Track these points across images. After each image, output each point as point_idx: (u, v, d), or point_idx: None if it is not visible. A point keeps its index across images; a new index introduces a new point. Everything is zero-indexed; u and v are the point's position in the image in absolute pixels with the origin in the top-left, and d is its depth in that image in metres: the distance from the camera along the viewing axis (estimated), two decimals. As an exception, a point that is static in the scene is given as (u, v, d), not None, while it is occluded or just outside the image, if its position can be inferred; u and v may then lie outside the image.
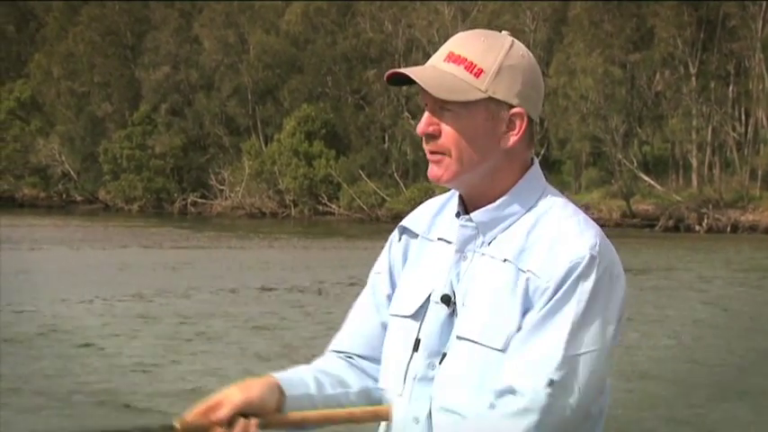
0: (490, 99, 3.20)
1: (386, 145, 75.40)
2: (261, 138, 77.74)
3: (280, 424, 3.35)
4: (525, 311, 3.18)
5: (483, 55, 3.21)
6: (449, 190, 3.48)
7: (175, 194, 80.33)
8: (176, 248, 49.53)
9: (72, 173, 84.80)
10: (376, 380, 3.51)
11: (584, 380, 3.16)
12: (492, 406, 3.17)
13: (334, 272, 36.96)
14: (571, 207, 3.34)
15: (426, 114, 3.27)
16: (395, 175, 72.14)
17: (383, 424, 3.48)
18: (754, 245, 51.93)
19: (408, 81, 3.27)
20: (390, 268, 3.54)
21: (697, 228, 60.77)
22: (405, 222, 3.54)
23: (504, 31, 3.35)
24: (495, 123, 3.22)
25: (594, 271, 3.16)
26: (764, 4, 62.69)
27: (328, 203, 73.41)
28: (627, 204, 62.97)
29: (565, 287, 3.15)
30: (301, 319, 26.71)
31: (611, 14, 66.02)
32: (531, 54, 3.29)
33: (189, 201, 79.72)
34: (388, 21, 75.29)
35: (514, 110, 3.22)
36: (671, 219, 61.67)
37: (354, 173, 72.84)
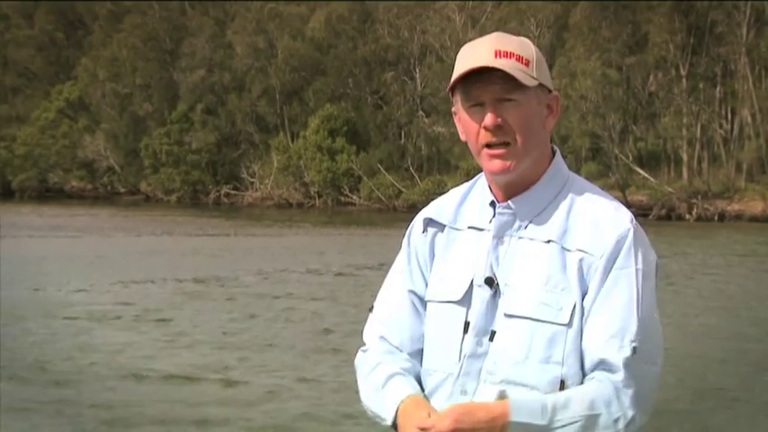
0: (539, 86, 3.26)
1: (402, 141, 75.24)
2: (288, 134, 77.62)
3: None
4: (583, 287, 3.22)
5: (523, 49, 3.25)
6: (458, 184, 3.53)
7: (210, 186, 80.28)
8: (212, 236, 49.43)
9: (116, 167, 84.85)
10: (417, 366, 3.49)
11: (655, 343, 3.22)
12: (590, 378, 3.21)
13: (355, 256, 37.00)
14: (596, 188, 3.41)
15: (490, 108, 3.24)
16: (410, 168, 72.04)
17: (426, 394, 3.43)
18: (741, 232, 51.92)
19: (470, 75, 3.25)
20: (418, 262, 3.51)
21: (687, 216, 60.74)
22: (429, 214, 3.53)
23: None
24: (542, 108, 3.30)
25: (637, 241, 3.23)
26: (749, 12, 62.56)
27: (349, 195, 73.38)
28: (623, 195, 62.69)
29: (619, 260, 3.20)
30: (328, 296, 26.85)
31: (608, 21, 65.88)
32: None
33: (222, 192, 79.67)
34: (404, 27, 75.12)
35: (552, 94, 3.33)
36: (663, 208, 61.61)
37: (373, 167, 72.74)
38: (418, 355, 3.48)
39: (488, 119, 3.22)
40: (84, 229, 53.04)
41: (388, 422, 3.34)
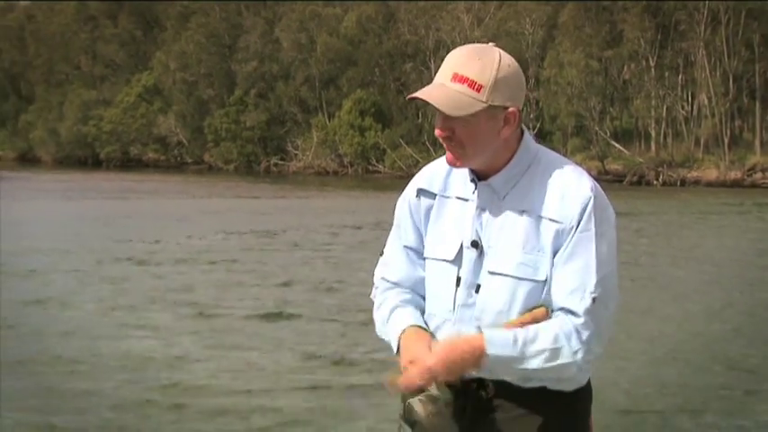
0: (489, 106, 3.16)
1: (419, 120, 74.60)
2: (325, 115, 77.19)
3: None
4: (555, 250, 3.19)
5: (480, 73, 3.17)
6: None
7: (261, 157, 79.91)
8: (264, 198, 49.12)
9: (184, 141, 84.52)
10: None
11: (611, 292, 3.20)
12: (555, 316, 3.20)
13: (380, 214, 36.81)
14: (561, 157, 3.38)
15: (439, 122, 3.23)
16: (426, 142, 71.33)
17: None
18: (698, 195, 51.49)
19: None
20: (413, 223, 3.47)
21: (654, 182, 60.53)
22: (420, 184, 3.47)
23: (490, 43, 3.32)
24: (495, 122, 3.19)
25: (597, 206, 3.20)
26: (706, 12, 62.15)
27: (376, 164, 73.12)
28: (602, 165, 62.53)
29: (582, 225, 3.16)
30: (358, 245, 26.97)
31: (590, 21, 65.48)
32: (512, 59, 3.25)
33: (272, 162, 79.19)
34: (421, 26, 74.41)
35: (509, 110, 3.19)
36: (635, 176, 61.29)
37: (396, 141, 72.48)
38: (418, 294, 3.47)
39: (436, 131, 3.26)
40: (159, 192, 53.05)
41: (395, 351, 3.38)
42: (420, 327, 3.34)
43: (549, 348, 3.12)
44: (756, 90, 64.03)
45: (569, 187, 3.22)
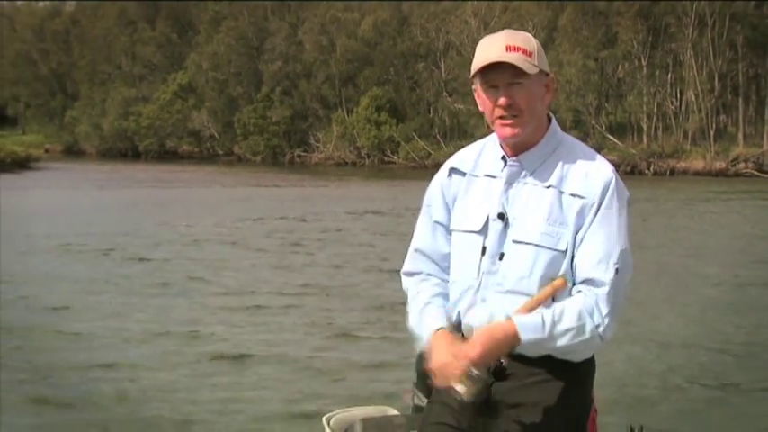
0: (540, 71, 3.26)
1: (431, 115, 74.60)
2: (344, 110, 77.04)
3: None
4: (578, 223, 3.21)
5: (527, 44, 3.25)
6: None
7: (286, 150, 79.70)
8: (288, 187, 49.23)
9: (216, 135, 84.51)
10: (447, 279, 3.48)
11: (629, 265, 3.22)
12: (577, 291, 3.22)
13: (395, 201, 36.75)
14: (583, 144, 3.43)
15: (503, 91, 3.24)
16: (437, 136, 71.49)
17: (451, 304, 3.43)
18: (686, 183, 51.63)
19: (489, 67, 3.24)
20: (444, 200, 3.49)
21: (646, 172, 60.29)
22: (453, 164, 3.52)
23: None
24: (541, 88, 3.30)
25: (618, 186, 3.26)
26: (693, 16, 61.99)
27: (391, 156, 72.88)
28: (598, 156, 62.64)
29: (605, 201, 3.20)
30: (374, 228, 27.07)
31: (587, 24, 65.33)
32: None
33: (295, 154, 79.05)
34: (432, 29, 74.36)
35: (549, 77, 3.33)
36: (628, 166, 60.81)
37: (409, 134, 72.25)
38: (447, 269, 3.48)
39: (502, 100, 3.25)
40: (193, 181, 53.16)
41: (423, 343, 3.35)
42: (449, 330, 3.32)
43: (575, 326, 3.14)
44: (739, 87, 64.01)
45: (593, 167, 3.28)
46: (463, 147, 3.62)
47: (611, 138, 64.60)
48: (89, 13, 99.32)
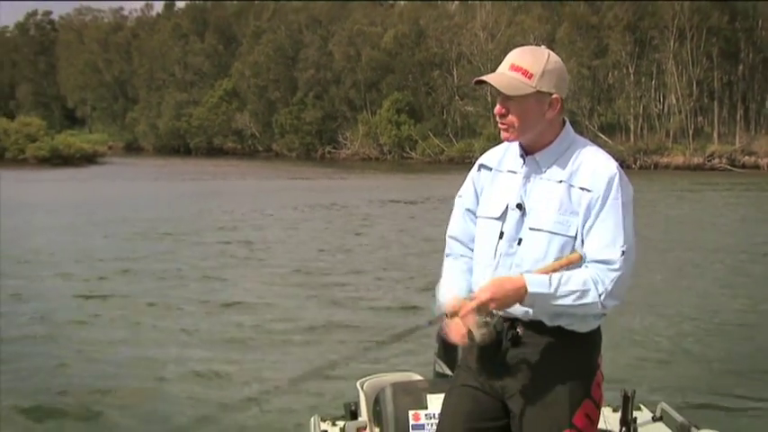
0: (538, 91, 3.19)
1: (444, 116, 74.38)
2: (369, 112, 76.91)
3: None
4: (586, 213, 3.19)
5: (532, 64, 3.20)
6: (490, 146, 3.55)
7: (318, 146, 79.65)
8: (319, 179, 49.37)
9: (256, 133, 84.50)
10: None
11: (633, 249, 3.20)
12: (586, 267, 3.19)
13: (415, 192, 36.89)
14: (593, 144, 3.38)
15: (499, 102, 3.25)
16: (450, 134, 71.64)
17: (473, 283, 3.39)
18: (668, 176, 51.61)
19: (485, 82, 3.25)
20: (474, 190, 3.48)
21: (633, 166, 59.85)
22: (482, 161, 3.50)
23: (542, 46, 3.35)
24: (542, 105, 3.22)
25: (622, 181, 3.24)
26: (674, 30, 61.75)
27: (409, 152, 72.68)
28: (590, 152, 62.36)
29: (611, 194, 3.19)
30: (395, 214, 27.23)
31: (581, 36, 65.07)
32: (558, 58, 3.28)
33: (326, 150, 78.99)
34: (446, 41, 74.30)
35: (553, 96, 3.22)
36: (617, 161, 59.43)
37: (425, 133, 72.24)
38: (471, 248, 3.48)
39: (496, 109, 3.27)
40: (235, 174, 53.37)
41: (440, 309, 3.32)
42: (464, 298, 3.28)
43: (579, 290, 3.13)
44: (715, 92, 63.62)
45: (600, 165, 3.26)
46: (472, 144, 3.73)
47: (602, 136, 64.16)
48: (147, 28, 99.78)
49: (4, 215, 24.83)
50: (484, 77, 3.23)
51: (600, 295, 3.14)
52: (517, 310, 3.21)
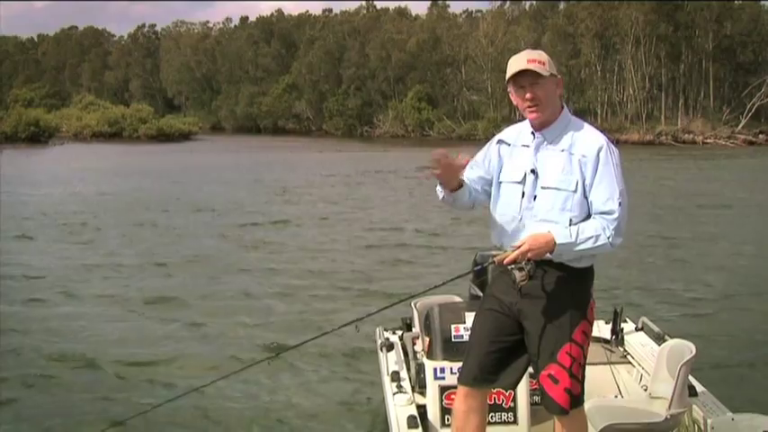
0: (552, 75, 3.16)
1: (455, 103, 73.99)
2: (397, 100, 76.25)
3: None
4: (582, 172, 3.12)
5: (541, 57, 3.18)
6: (495, 127, 3.89)
7: (358, 127, 78.89)
8: (366, 152, 48.57)
9: (311, 117, 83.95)
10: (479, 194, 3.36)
11: (626, 199, 3.11)
12: (593, 218, 3.09)
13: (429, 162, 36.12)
14: (586, 123, 3.28)
15: (529, 90, 3.15)
16: (459, 117, 71.21)
17: (496, 234, 3.28)
18: (626, 150, 50.13)
19: (517, 74, 3.14)
20: (489, 158, 3.35)
21: (599, 142, 60.23)
22: (501, 137, 3.37)
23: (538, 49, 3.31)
24: (554, 86, 3.19)
25: (610, 148, 3.15)
26: (632, 38, 61.36)
27: (428, 131, 71.94)
28: (566, 131, 61.89)
29: (602, 158, 3.10)
30: (420, 183, 26.74)
31: (561, 42, 64.45)
32: None
33: (364, 129, 78.19)
34: (456, 45, 73.79)
35: (559, 77, 3.20)
36: None
37: (440, 116, 71.62)
38: (479, 179, 3.38)
39: (528, 95, 3.16)
40: (294, 148, 52.80)
41: (444, 193, 3.33)
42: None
43: (593, 235, 3.06)
44: (662, 85, 63.46)
45: (591, 137, 3.19)
46: (476, 125, 4.24)
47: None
48: (227, 37, 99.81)
49: (153, 178, 25.76)
50: (522, 68, 3.15)
51: (608, 237, 3.07)
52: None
